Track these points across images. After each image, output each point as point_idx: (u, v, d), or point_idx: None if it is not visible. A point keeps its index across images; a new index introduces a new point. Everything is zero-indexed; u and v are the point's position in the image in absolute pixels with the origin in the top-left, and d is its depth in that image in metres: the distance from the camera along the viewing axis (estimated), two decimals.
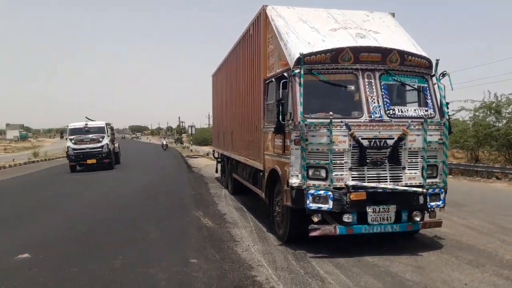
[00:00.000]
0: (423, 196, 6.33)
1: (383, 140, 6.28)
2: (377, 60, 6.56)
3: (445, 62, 6.81)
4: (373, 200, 6.19)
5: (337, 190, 6.12)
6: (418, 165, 6.43)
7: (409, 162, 6.40)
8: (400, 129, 6.31)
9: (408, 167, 6.40)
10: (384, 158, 6.27)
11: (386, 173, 6.32)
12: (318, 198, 6.09)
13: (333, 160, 6.12)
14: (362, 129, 6.25)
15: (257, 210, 9.71)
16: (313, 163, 6.19)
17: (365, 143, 6.20)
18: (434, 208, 6.51)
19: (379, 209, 6.22)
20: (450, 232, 7.63)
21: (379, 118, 6.34)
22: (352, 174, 6.21)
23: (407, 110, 6.63)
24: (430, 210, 6.53)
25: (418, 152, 6.43)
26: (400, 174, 6.37)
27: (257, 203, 9.99)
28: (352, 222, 6.18)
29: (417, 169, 6.43)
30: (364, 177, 6.24)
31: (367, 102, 6.40)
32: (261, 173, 8.33)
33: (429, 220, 6.63)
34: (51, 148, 50.72)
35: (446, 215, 7.64)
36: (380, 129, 6.30)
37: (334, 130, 6.12)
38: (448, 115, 6.69)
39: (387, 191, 6.21)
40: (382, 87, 6.53)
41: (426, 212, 6.58)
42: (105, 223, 9.04)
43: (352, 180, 6.17)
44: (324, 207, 6.09)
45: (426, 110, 6.67)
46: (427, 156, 6.42)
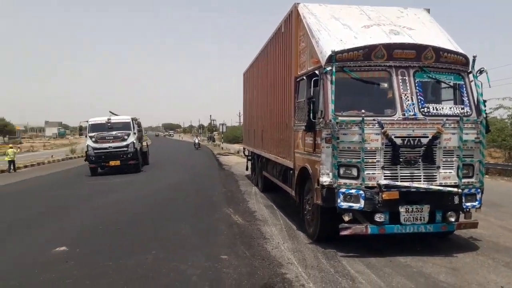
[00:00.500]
0: (458, 196, 6.17)
1: (417, 139, 6.16)
2: (411, 57, 6.44)
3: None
4: (406, 200, 6.08)
5: (369, 189, 6.05)
6: (453, 165, 6.28)
7: (444, 161, 6.25)
8: (435, 128, 6.17)
9: (443, 166, 6.25)
10: (418, 157, 6.15)
11: (420, 172, 6.19)
12: (349, 197, 6.04)
13: (365, 159, 6.05)
14: (395, 127, 6.15)
15: (287, 208, 9.71)
16: (345, 162, 6.14)
17: (398, 142, 6.10)
18: (470, 209, 6.34)
19: (412, 209, 6.11)
20: (487, 234, 7.41)
21: (413, 116, 6.22)
22: (385, 173, 6.13)
23: (442, 108, 6.48)
24: (466, 211, 6.37)
25: (454, 151, 6.27)
26: (435, 174, 6.24)
27: (287, 201, 9.99)
28: (384, 222, 6.10)
29: (452, 169, 6.28)
30: (397, 176, 6.14)
31: (401, 100, 6.29)
32: (291, 171, 8.32)
33: (465, 221, 6.46)
34: None
35: (482, 216, 7.42)
36: (414, 127, 6.18)
37: (366, 128, 6.05)
38: (485, 113, 6.49)
39: (421, 191, 6.09)
40: (416, 85, 6.41)
41: (461, 213, 6.43)
42: (138, 219, 9.26)
43: (385, 179, 6.09)
44: (355, 206, 6.04)
45: (462, 108, 6.49)
46: (463, 155, 6.25)
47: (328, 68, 6.33)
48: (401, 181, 6.11)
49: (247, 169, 16.36)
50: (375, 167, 6.14)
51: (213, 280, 5.33)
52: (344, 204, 6.04)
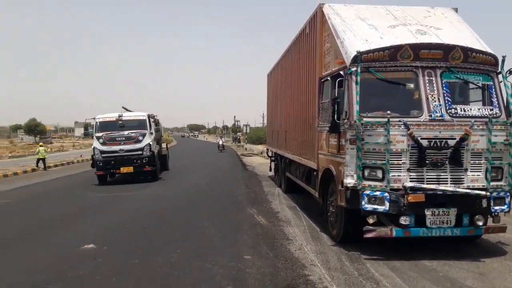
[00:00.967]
0: (487, 200, 6.03)
1: (444, 141, 6.05)
2: (439, 57, 6.33)
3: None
4: (432, 203, 5.98)
5: (394, 192, 5.98)
6: (482, 167, 6.14)
7: (472, 164, 6.13)
8: (463, 129, 6.05)
9: (471, 169, 6.13)
10: (445, 159, 6.04)
11: (447, 175, 6.08)
12: (374, 199, 5.98)
13: (390, 161, 5.99)
14: (422, 129, 6.06)
15: (310, 209, 9.68)
16: (369, 163, 6.09)
17: (425, 143, 6.01)
18: (498, 213, 6.20)
19: (439, 212, 6.00)
20: None
21: (440, 118, 6.11)
22: (410, 175, 6.05)
23: (470, 109, 6.35)
24: (494, 215, 6.23)
25: (482, 154, 6.14)
26: (462, 176, 6.12)
27: (310, 202, 9.96)
28: (410, 225, 6.01)
29: (481, 171, 6.14)
30: (423, 179, 6.05)
31: (427, 101, 6.19)
32: (315, 173, 8.29)
33: (493, 225, 6.31)
34: None
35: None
36: (441, 129, 6.08)
37: (392, 130, 5.98)
38: None
39: (448, 194, 5.98)
40: (444, 85, 6.29)
41: (490, 217, 6.27)
42: (163, 219, 9.40)
43: (410, 182, 6.01)
44: (380, 209, 5.97)
45: (491, 109, 6.34)
46: (492, 158, 6.11)
47: (353, 69, 6.29)
48: (427, 184, 6.02)
49: (271, 170, 16.38)
50: (401, 169, 6.06)
51: (237, 280, 5.37)
52: (369, 206, 5.98)
